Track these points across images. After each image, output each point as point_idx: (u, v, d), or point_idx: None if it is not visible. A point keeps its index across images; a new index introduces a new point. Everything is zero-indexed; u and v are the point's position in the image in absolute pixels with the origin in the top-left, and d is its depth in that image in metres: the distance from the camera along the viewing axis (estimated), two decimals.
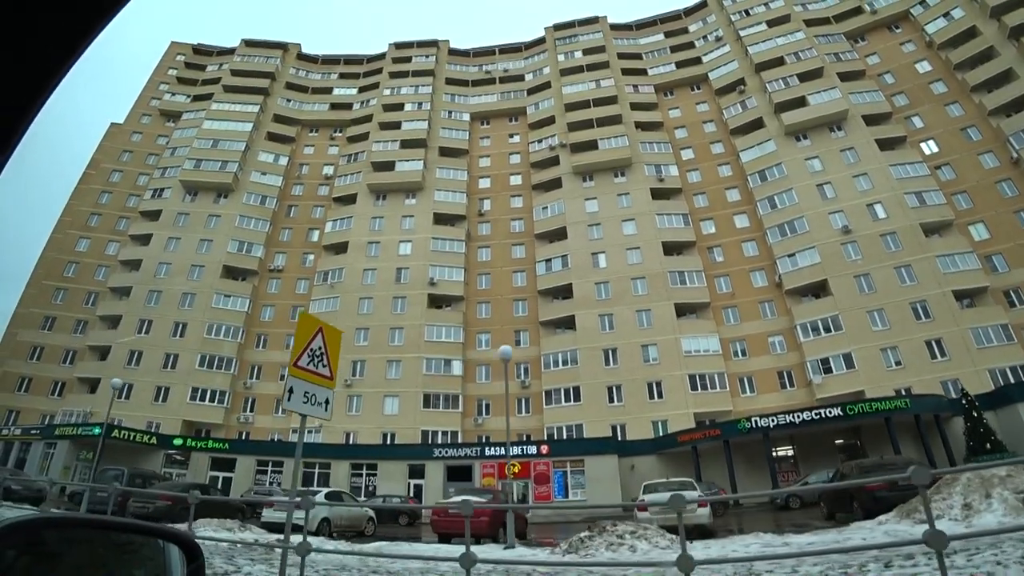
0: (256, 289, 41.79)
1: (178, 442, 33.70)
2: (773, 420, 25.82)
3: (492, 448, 30.37)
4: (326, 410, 7.61)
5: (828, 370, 32.83)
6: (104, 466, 20.84)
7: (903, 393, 28.94)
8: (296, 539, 11.33)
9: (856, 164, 36.47)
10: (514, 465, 29.17)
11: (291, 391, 7.12)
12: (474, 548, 11.64)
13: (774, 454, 28.07)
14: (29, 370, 39.70)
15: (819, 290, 35.30)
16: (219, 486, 29.47)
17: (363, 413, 36.06)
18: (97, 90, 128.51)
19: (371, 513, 17.22)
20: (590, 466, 28.94)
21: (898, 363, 31.62)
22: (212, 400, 38.29)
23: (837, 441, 28.09)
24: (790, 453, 28.58)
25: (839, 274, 34.27)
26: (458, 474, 29.48)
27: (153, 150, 47.26)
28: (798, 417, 25.66)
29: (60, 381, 39.71)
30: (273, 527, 13.80)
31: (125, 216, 44.72)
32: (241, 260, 42.29)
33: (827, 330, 33.49)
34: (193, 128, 46.79)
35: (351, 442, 34.99)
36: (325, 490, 16.70)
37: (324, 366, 7.82)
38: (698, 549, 9.78)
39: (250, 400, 39.01)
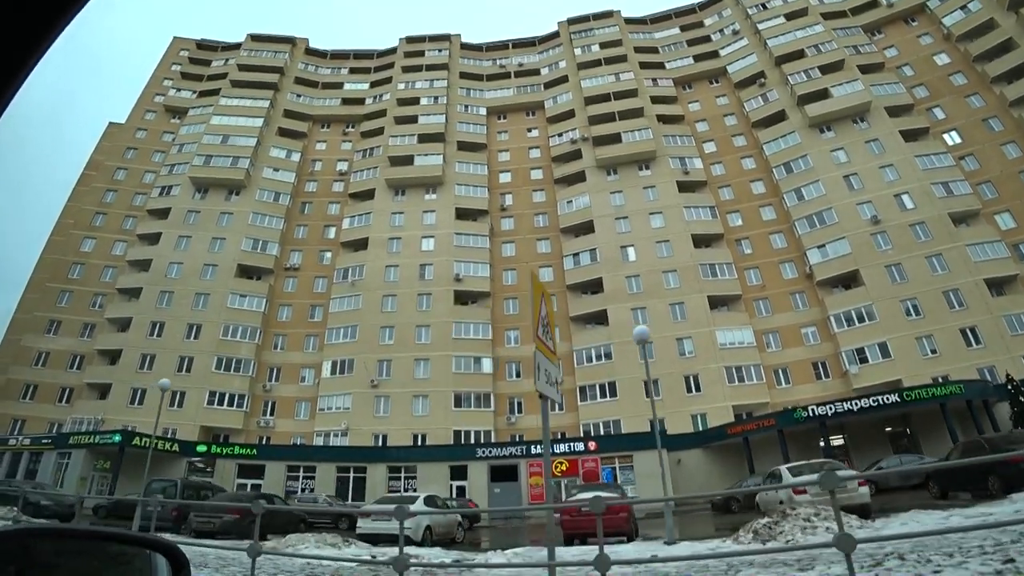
0: (272, 288, 40.43)
1: (202, 449, 32.23)
2: (831, 408, 25.59)
3: (538, 446, 29.58)
4: (558, 391, 6.90)
5: (864, 360, 32.85)
6: (152, 477, 19.48)
7: (940, 381, 29.04)
8: (408, 551, 10.36)
9: (881, 155, 36.70)
10: (562, 463, 28.52)
11: (538, 368, 6.40)
12: (622, 547, 10.97)
13: (822, 444, 27.96)
14: (34, 377, 37.78)
15: (850, 280, 35.36)
16: (282, 496, 27.98)
17: (392, 414, 35.02)
18: (89, 88, 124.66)
19: (459, 518, 16.37)
20: (639, 461, 28.39)
21: (934, 351, 31.75)
22: (230, 404, 36.86)
23: (887, 429, 28.02)
24: (840, 442, 28.40)
25: (871, 264, 34.36)
26: (502, 474, 28.67)
27: (159, 147, 45.54)
28: (855, 404, 25.48)
29: (68, 387, 37.85)
30: (373, 539, 12.72)
31: (132, 215, 42.93)
32: (256, 259, 40.89)
33: (861, 320, 33.54)
34: (200, 124, 45.20)
35: (381, 444, 33.95)
36: (423, 495, 15.73)
37: (550, 339, 7.10)
38: (873, 528, 9.35)
39: (270, 403, 37.65)
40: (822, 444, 26.28)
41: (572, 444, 29.20)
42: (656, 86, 44.64)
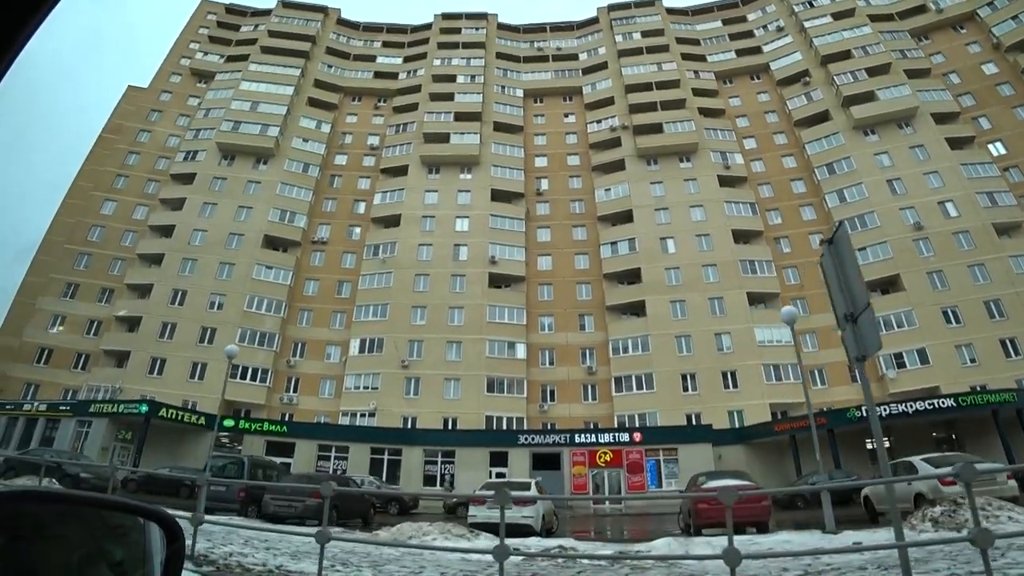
0: (299, 261, 39.32)
1: (229, 424, 31.15)
2: (885, 409, 25.40)
3: (583, 435, 29.15)
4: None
5: (902, 365, 32.81)
6: (215, 453, 18.17)
7: (978, 390, 29.08)
8: (533, 542, 9.44)
9: (926, 162, 36.54)
10: (606, 453, 28.10)
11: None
12: (775, 537, 10.45)
13: (868, 446, 27.92)
14: (50, 340, 36.40)
15: (888, 285, 35.26)
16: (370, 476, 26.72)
17: (422, 396, 34.28)
18: (95, 52, 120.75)
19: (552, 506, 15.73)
20: (683, 455, 28.03)
21: (973, 360, 31.78)
22: (253, 379, 35.85)
23: (933, 434, 27.98)
24: (886, 445, 28.29)
25: (912, 269, 34.25)
26: (545, 462, 28.09)
27: (184, 111, 43.97)
28: (911, 407, 25.37)
29: (84, 353, 36.54)
30: (488, 528, 11.80)
31: (154, 179, 41.44)
32: (283, 230, 39.72)
33: (900, 325, 33.45)
34: (228, 89, 43.68)
35: (410, 427, 33.25)
36: (532, 481, 14.99)
37: None
38: None
39: (294, 379, 36.69)
40: (873, 446, 26.18)
41: (617, 435, 28.75)
42: (697, 78, 44.05)
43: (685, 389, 33.65)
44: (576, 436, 28.87)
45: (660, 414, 32.70)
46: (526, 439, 28.91)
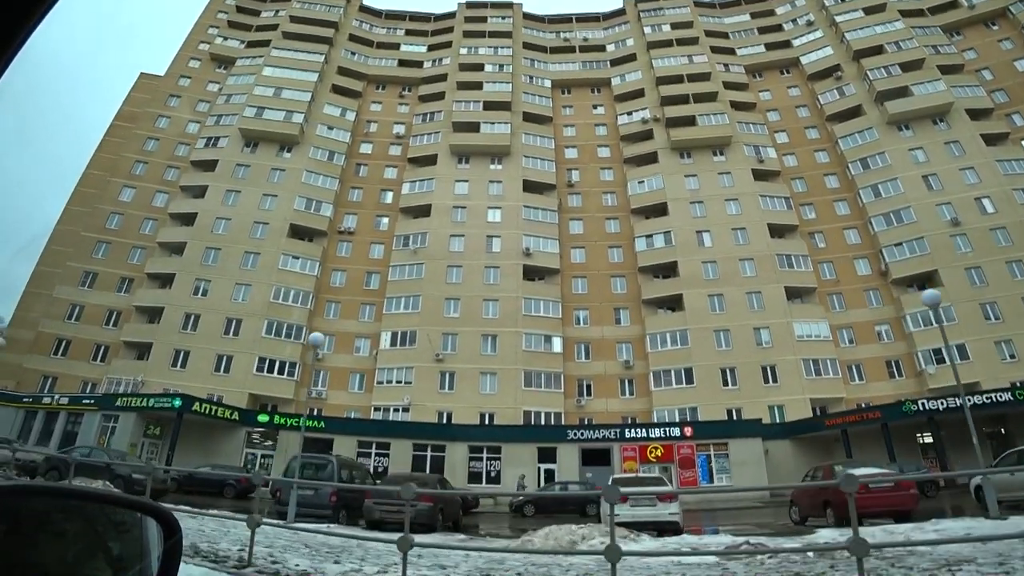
0: (325, 252, 38.29)
1: (263, 419, 30.18)
2: (942, 403, 25.22)
3: (633, 430, 28.63)
4: None
5: (941, 360, 32.64)
6: (299, 452, 16.73)
7: (1019, 385, 29.08)
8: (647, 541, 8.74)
9: (961, 157, 36.50)
10: (657, 448, 27.61)
11: None
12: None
13: (919, 440, 27.80)
14: (68, 331, 35.08)
15: (925, 280, 35.11)
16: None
17: (457, 391, 33.54)
18: (92, 41, 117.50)
19: None
20: (733, 449, 27.66)
21: (1012, 356, 31.77)
22: (280, 372, 34.88)
23: (984, 429, 27.85)
24: (929, 440, 28.17)
25: (949, 265, 34.17)
26: (594, 458, 27.53)
27: (204, 96, 42.59)
28: (969, 400, 25.06)
29: (103, 344, 35.28)
30: (636, 527, 11.09)
31: (174, 165, 40.07)
32: (309, 219, 38.68)
33: (938, 320, 33.33)
34: (250, 75, 42.45)
35: (445, 422, 32.48)
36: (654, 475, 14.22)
37: None
38: None
39: (322, 373, 35.69)
40: (930, 440, 26.03)
41: (667, 430, 28.25)
42: (728, 72, 43.69)
43: (725, 384, 33.27)
44: (626, 431, 28.35)
45: (701, 409, 32.31)
46: (575, 434, 28.31)
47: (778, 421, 31.40)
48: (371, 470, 28.71)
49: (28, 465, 20.40)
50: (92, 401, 30.06)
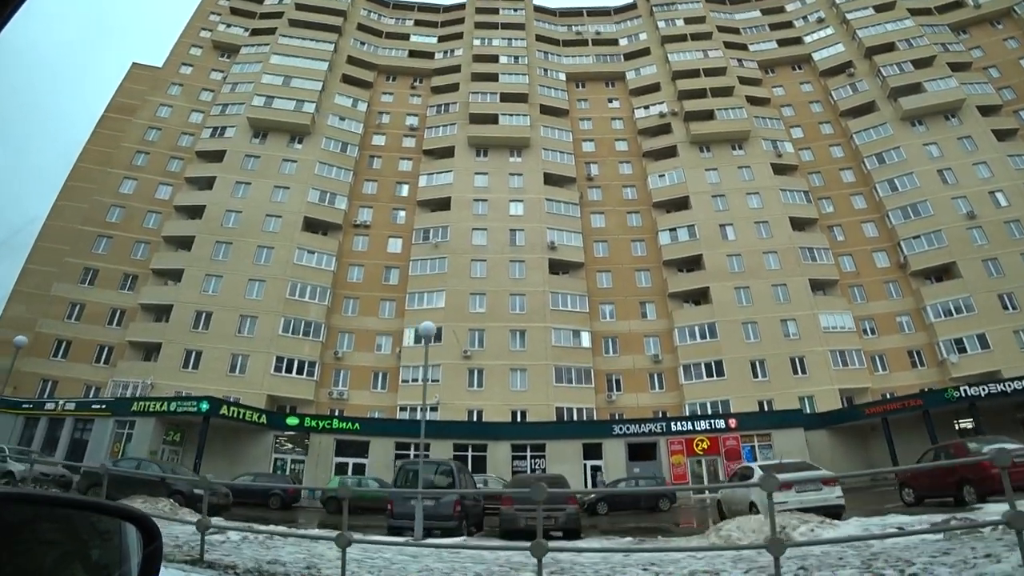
0: (341, 246, 36.90)
1: (292, 422, 28.73)
2: (983, 390, 25.56)
3: (678, 423, 28.22)
4: None
5: (962, 350, 33.34)
6: (406, 461, 14.72)
7: None
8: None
9: (974, 152, 37.36)
10: (703, 440, 27.30)
11: None
12: None
13: (956, 427, 28.15)
14: (68, 332, 32.95)
15: (942, 273, 35.86)
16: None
17: (487, 388, 32.67)
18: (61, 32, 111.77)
19: None
20: (777, 440, 27.52)
21: None
22: (299, 372, 33.36)
23: (1019, 415, 28.41)
24: (970, 426, 28.60)
25: (967, 257, 34.86)
26: (641, 452, 27.08)
27: (207, 85, 40.60)
28: (1009, 387, 25.56)
29: (107, 345, 33.17)
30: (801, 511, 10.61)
31: (178, 156, 38.04)
32: (323, 212, 37.25)
33: (958, 311, 33.98)
34: (256, 63, 40.73)
35: (476, 420, 31.59)
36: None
37: None
38: None
39: (342, 373, 34.35)
40: (967, 426, 26.34)
41: (712, 422, 27.97)
42: (741, 67, 43.89)
43: (755, 375, 33.25)
44: (672, 424, 27.94)
45: (733, 402, 32.16)
46: (620, 429, 27.81)
47: (808, 411, 31.54)
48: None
49: (61, 480, 18.52)
50: (103, 406, 28.06)
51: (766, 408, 31.67)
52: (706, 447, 26.94)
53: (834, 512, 10.50)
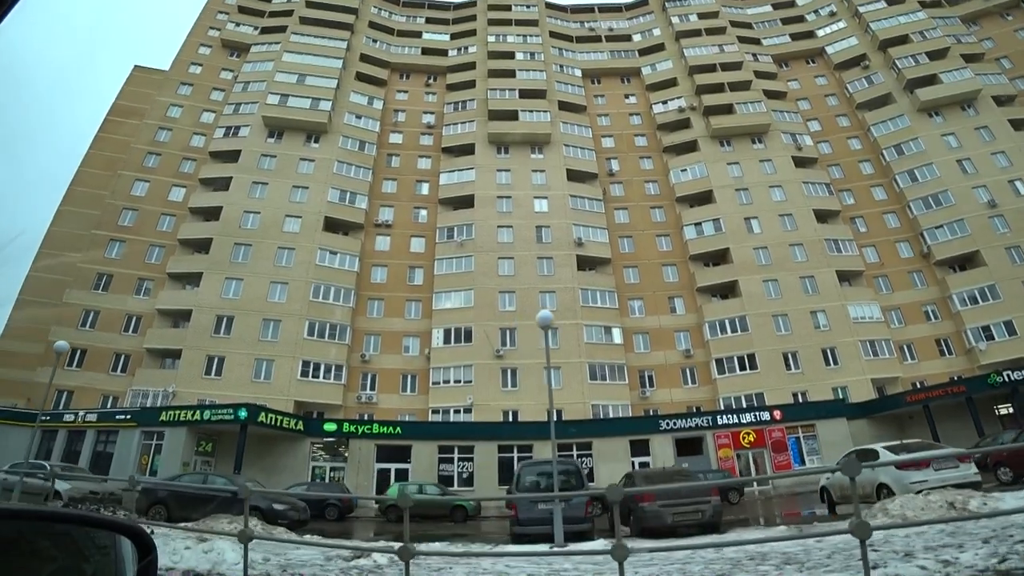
0: (363, 247, 36.04)
1: (330, 427, 27.76)
2: None
3: (724, 416, 27.88)
4: None
5: (990, 337, 33.55)
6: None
7: None
8: None
9: (992, 142, 37.73)
10: (749, 433, 26.98)
11: None
12: None
13: (996, 412, 28.23)
14: (82, 340, 31.49)
15: (966, 262, 36.12)
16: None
17: (522, 388, 32.04)
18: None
19: None
20: (822, 430, 27.37)
21: None
22: (327, 376, 32.42)
23: None
24: (1010, 411, 28.69)
25: (990, 245, 35.13)
26: (688, 447, 26.68)
27: (217, 84, 39.48)
28: None
29: (124, 353, 31.90)
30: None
31: (190, 157, 36.84)
32: (344, 211, 36.39)
33: (984, 299, 34.23)
34: (268, 62, 39.78)
35: (512, 420, 30.97)
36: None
37: None
38: None
39: (369, 376, 33.46)
40: (1006, 411, 26.39)
41: (757, 414, 27.69)
42: (757, 61, 43.97)
43: (788, 367, 33.10)
44: (719, 418, 27.61)
45: (767, 394, 31.96)
46: (668, 424, 27.39)
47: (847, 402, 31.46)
48: (459, 475, 27.00)
49: (111, 498, 17.30)
50: (128, 416, 26.85)
51: (800, 400, 31.54)
52: (752, 440, 26.67)
53: (973, 488, 10.20)
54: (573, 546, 9.21)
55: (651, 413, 31.88)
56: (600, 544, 9.53)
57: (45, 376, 30.68)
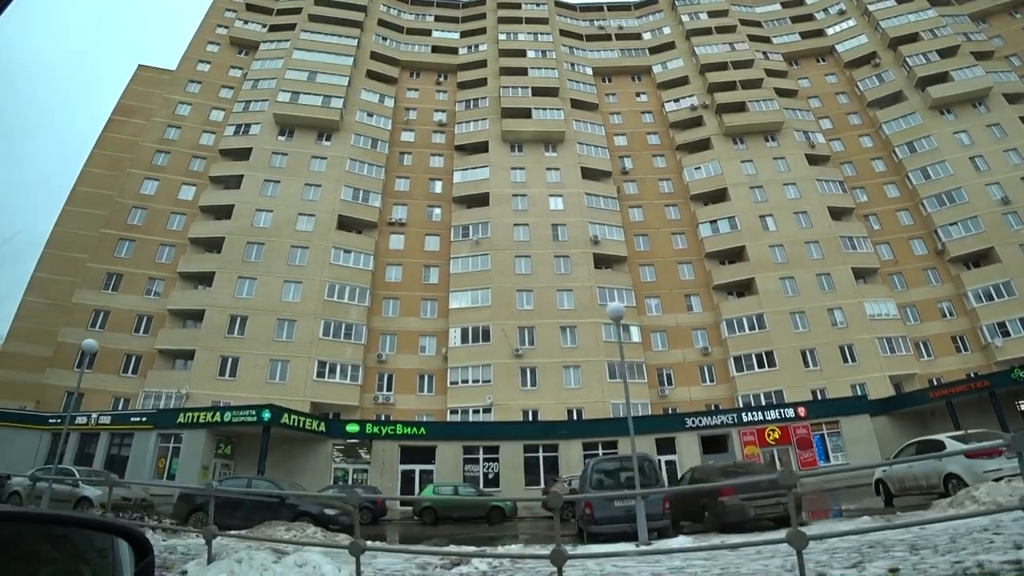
0: (377, 245, 35.60)
1: (353, 429, 27.29)
2: None
3: (749, 414, 27.69)
4: None
5: (1006, 334, 33.62)
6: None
7: None
8: None
9: (1004, 139, 37.89)
10: (774, 430, 26.80)
11: None
12: None
13: (1019, 408, 28.20)
14: (93, 340, 30.51)
15: (979, 259, 36.22)
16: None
17: (541, 387, 31.76)
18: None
19: None
20: (846, 427, 27.24)
21: None
22: (343, 376, 31.94)
23: None
24: None
25: (1004, 242, 35.23)
26: (714, 445, 26.48)
27: (226, 82, 38.95)
28: None
29: (135, 354, 31.27)
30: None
31: (200, 155, 36.27)
32: (357, 210, 35.97)
33: (999, 295, 34.33)
34: (278, 59, 39.33)
35: (532, 419, 30.63)
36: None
37: None
38: None
39: (386, 376, 33.01)
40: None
41: (782, 411, 27.52)
42: (767, 60, 43.98)
43: (806, 365, 33.01)
44: (743, 415, 27.43)
45: (785, 391, 31.88)
46: (694, 422, 27.16)
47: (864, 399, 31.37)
48: (484, 475, 26.59)
49: (142, 504, 16.60)
50: (144, 419, 26.25)
51: (819, 397, 31.42)
52: (777, 437, 26.51)
53: None
54: (739, 538, 8.85)
55: (671, 411, 31.69)
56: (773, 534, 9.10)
57: (54, 378, 30.28)
